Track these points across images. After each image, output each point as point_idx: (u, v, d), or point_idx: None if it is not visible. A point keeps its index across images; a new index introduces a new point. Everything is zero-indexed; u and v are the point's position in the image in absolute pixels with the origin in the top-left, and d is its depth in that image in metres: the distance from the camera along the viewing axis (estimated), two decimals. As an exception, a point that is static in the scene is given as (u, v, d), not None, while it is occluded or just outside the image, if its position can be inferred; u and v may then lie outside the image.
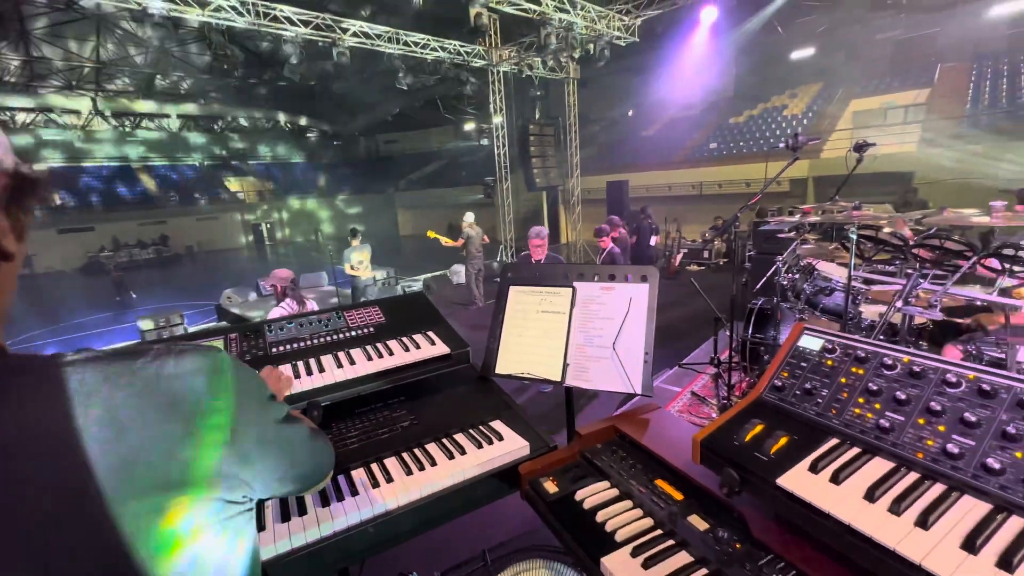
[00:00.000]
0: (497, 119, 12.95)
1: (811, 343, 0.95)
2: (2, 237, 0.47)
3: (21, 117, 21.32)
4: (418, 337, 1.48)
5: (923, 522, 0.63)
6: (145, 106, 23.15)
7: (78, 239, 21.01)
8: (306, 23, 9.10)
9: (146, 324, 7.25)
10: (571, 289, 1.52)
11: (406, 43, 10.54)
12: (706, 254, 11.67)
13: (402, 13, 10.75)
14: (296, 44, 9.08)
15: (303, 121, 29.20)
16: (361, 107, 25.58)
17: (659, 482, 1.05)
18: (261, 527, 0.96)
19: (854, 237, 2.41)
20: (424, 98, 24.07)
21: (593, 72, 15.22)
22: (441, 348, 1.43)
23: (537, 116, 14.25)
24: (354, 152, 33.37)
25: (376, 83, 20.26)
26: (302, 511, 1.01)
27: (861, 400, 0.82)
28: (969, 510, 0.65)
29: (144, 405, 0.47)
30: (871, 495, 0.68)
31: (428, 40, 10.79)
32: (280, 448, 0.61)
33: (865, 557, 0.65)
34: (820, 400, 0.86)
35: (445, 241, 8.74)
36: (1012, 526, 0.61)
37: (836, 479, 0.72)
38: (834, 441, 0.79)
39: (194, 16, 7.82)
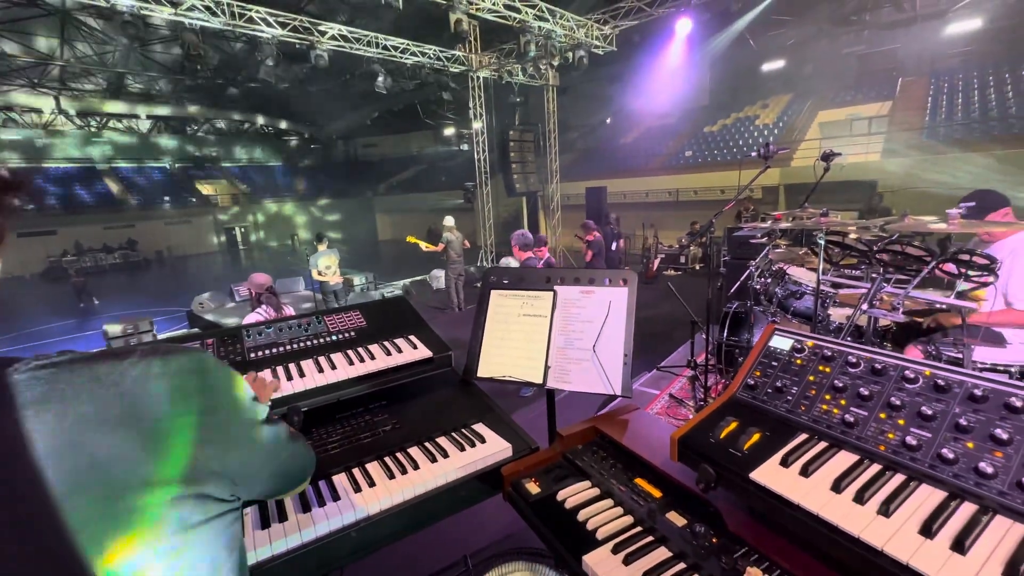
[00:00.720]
0: (477, 124, 13.00)
1: (782, 343, 1.00)
2: None
3: (-25, 115, 20.39)
4: (400, 341, 1.48)
5: (885, 510, 0.67)
6: (113, 107, 22.40)
7: (39, 242, 20.13)
8: (283, 24, 8.98)
9: (113, 329, 6.99)
10: (552, 292, 1.54)
11: (385, 47, 10.50)
12: (683, 259, 11.91)
13: (381, 17, 10.74)
14: (272, 46, 8.95)
15: (280, 124, 28.70)
16: (339, 111, 25.31)
17: (639, 480, 1.07)
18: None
19: (822, 243, 2.50)
20: (404, 103, 23.98)
21: (572, 79, 15.45)
22: (423, 352, 1.44)
23: (517, 122, 14.35)
24: (332, 156, 32.96)
25: (355, 87, 20.11)
26: (282, 517, 1.00)
27: (828, 397, 0.86)
28: (926, 498, 0.69)
29: (128, 404, 0.46)
30: (837, 486, 0.72)
31: (408, 45, 10.78)
32: (262, 447, 0.61)
33: (832, 546, 0.68)
34: (790, 397, 0.90)
35: (425, 246, 8.69)
36: (964, 512, 0.65)
37: (805, 472, 0.75)
38: (803, 436, 0.83)
39: (166, 15, 7.64)
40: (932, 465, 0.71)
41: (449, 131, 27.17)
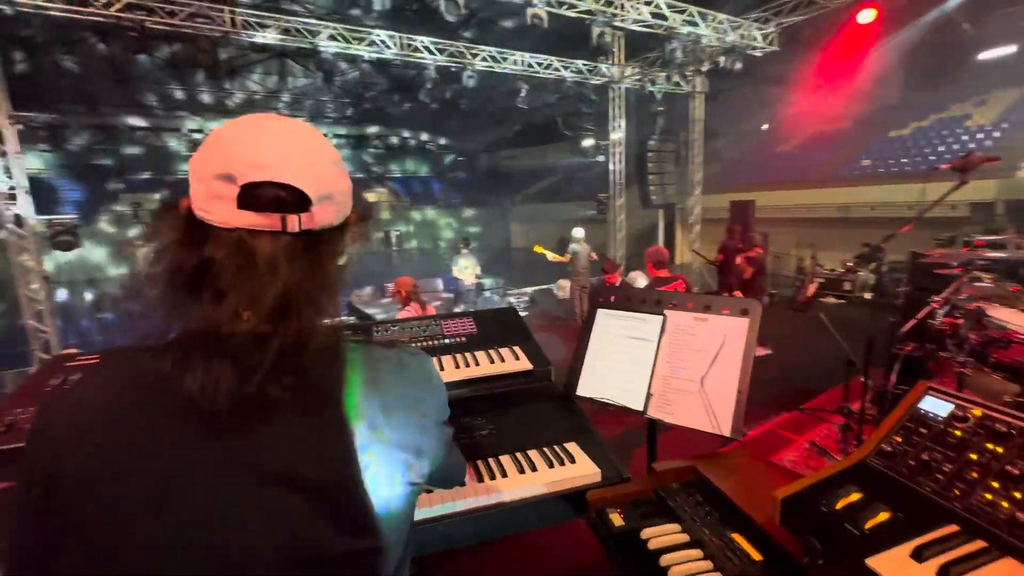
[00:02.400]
0: (616, 135, 12.82)
1: (936, 407, 0.81)
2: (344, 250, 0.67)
3: (222, 138, 26.40)
4: (504, 351, 1.55)
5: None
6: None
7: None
8: (441, 51, 9.98)
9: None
10: (662, 317, 1.46)
11: (529, 64, 10.99)
12: (847, 286, 10.21)
13: (528, 36, 11.24)
14: (431, 70, 10.00)
15: (435, 139, 31.85)
16: (485, 125, 27.13)
17: (736, 536, 0.96)
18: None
19: (1042, 280, 1.95)
20: (545, 116, 24.76)
21: (724, 84, 14.33)
22: (524, 364, 1.48)
23: (657, 132, 13.80)
24: (475, 167, 35.46)
25: (500, 103, 21.37)
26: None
27: (995, 484, 0.68)
28: None
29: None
30: (989, 601, 0.56)
31: (551, 60, 11.13)
32: (450, 449, 0.77)
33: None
34: (940, 476, 0.73)
35: (552, 256, 8.85)
36: None
37: (946, 574, 0.60)
38: (952, 528, 0.67)
39: (358, 51, 9.05)
40: None
41: (587, 142, 27.26)
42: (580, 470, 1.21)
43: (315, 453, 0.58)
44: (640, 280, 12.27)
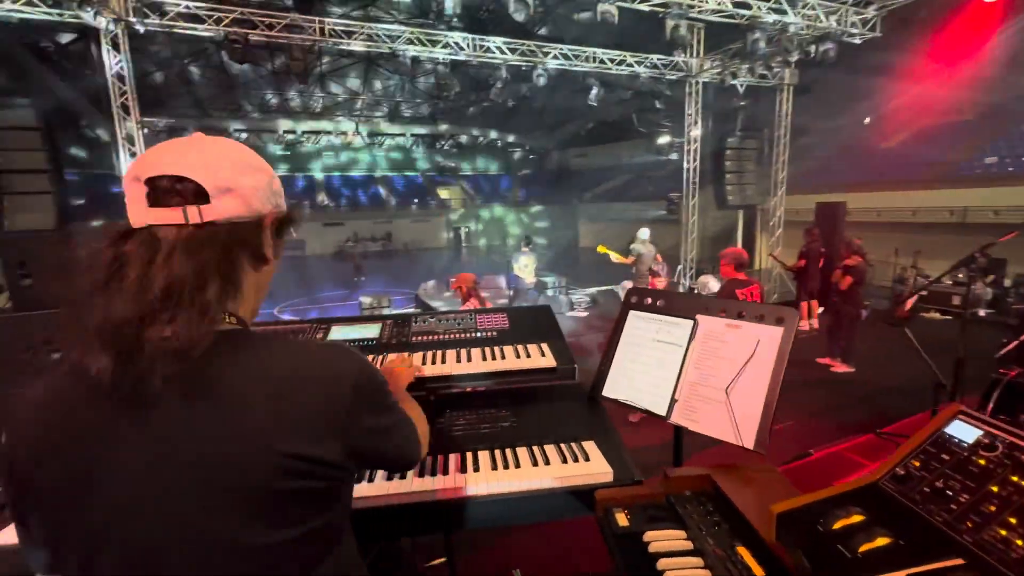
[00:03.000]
0: (694, 132, 12.26)
1: (963, 432, 0.74)
2: (267, 248, 0.74)
3: (311, 138, 28.58)
4: (531, 347, 1.59)
5: None
6: (390, 128, 28.67)
7: (334, 232, 27.18)
8: (513, 50, 10.10)
9: (366, 301, 9.04)
10: (692, 322, 1.43)
11: (602, 61, 10.81)
12: (956, 300, 9.02)
13: (600, 32, 11.06)
14: (503, 70, 10.16)
15: (506, 137, 32.27)
16: (556, 123, 27.04)
17: (741, 550, 0.94)
18: (371, 479, 1.19)
19: None
20: (618, 113, 24.20)
21: (818, 74, 13.18)
22: (549, 361, 1.51)
23: (738, 128, 12.98)
24: (546, 165, 35.45)
25: (573, 100, 21.21)
26: (402, 476, 1.21)
27: (1013, 520, 0.61)
28: None
29: (304, 379, 0.67)
30: (975, 641, 0.52)
31: (624, 56, 10.87)
32: (387, 440, 0.77)
33: None
34: (955, 506, 0.67)
35: (615, 257, 8.67)
36: None
37: (933, 607, 0.56)
38: (956, 561, 0.61)
39: (434, 54, 9.43)
40: None
41: (662, 140, 26.28)
42: (592, 468, 1.22)
43: (212, 443, 0.61)
44: (712, 284, 11.66)
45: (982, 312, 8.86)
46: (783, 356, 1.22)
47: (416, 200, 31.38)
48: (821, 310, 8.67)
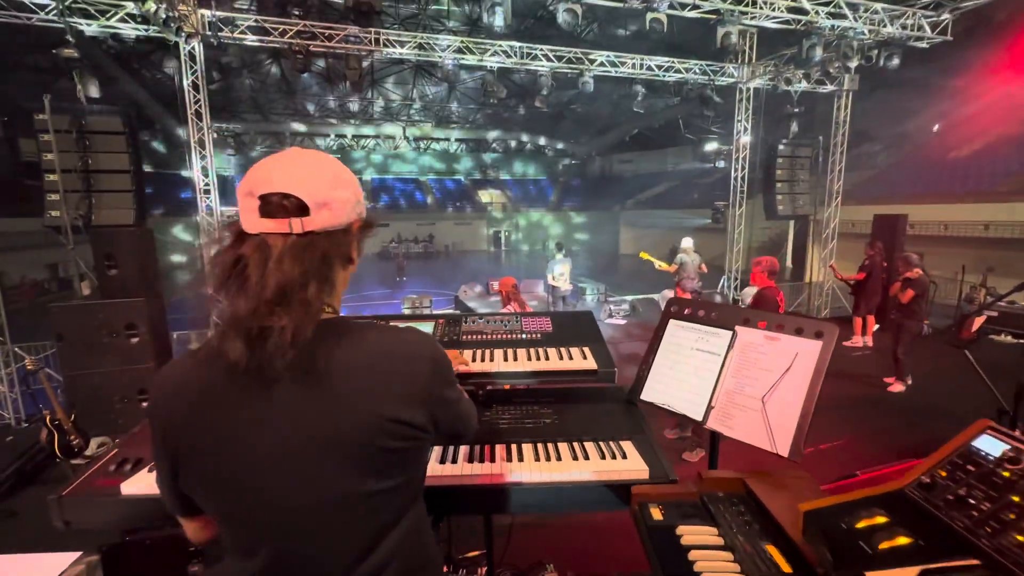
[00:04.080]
0: (744, 139, 11.94)
1: (990, 446, 0.77)
2: (354, 251, 0.88)
3: (361, 142, 29.71)
4: (574, 350, 1.68)
5: None
6: (437, 132, 29.41)
7: (380, 232, 28.11)
8: (560, 58, 10.21)
9: (406, 303, 9.36)
10: (731, 332, 1.48)
11: (649, 67, 10.74)
12: (1032, 322, 8.37)
13: (648, 38, 11.02)
14: (548, 77, 10.28)
15: (547, 142, 32.40)
16: (601, 129, 26.92)
17: (770, 548, 0.99)
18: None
19: None
20: (664, 119, 23.85)
21: (882, 80, 12.55)
22: (590, 364, 1.60)
23: (791, 135, 12.52)
24: (589, 171, 35.30)
25: (618, 105, 21.08)
26: (454, 460, 1.33)
27: (1030, 528, 0.65)
28: None
29: (394, 356, 0.81)
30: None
31: (671, 62, 10.75)
32: (455, 409, 0.91)
33: None
34: (975, 513, 0.71)
35: (659, 265, 8.58)
36: None
37: (943, 598, 0.62)
38: (971, 561, 0.66)
39: (482, 62, 9.69)
40: None
41: (710, 146, 25.65)
42: (629, 465, 1.30)
43: (326, 414, 0.74)
44: (751, 294, 11.32)
45: (1061, 337, 8.16)
46: (821, 369, 1.26)
47: (458, 203, 31.98)
48: (877, 327, 8.26)
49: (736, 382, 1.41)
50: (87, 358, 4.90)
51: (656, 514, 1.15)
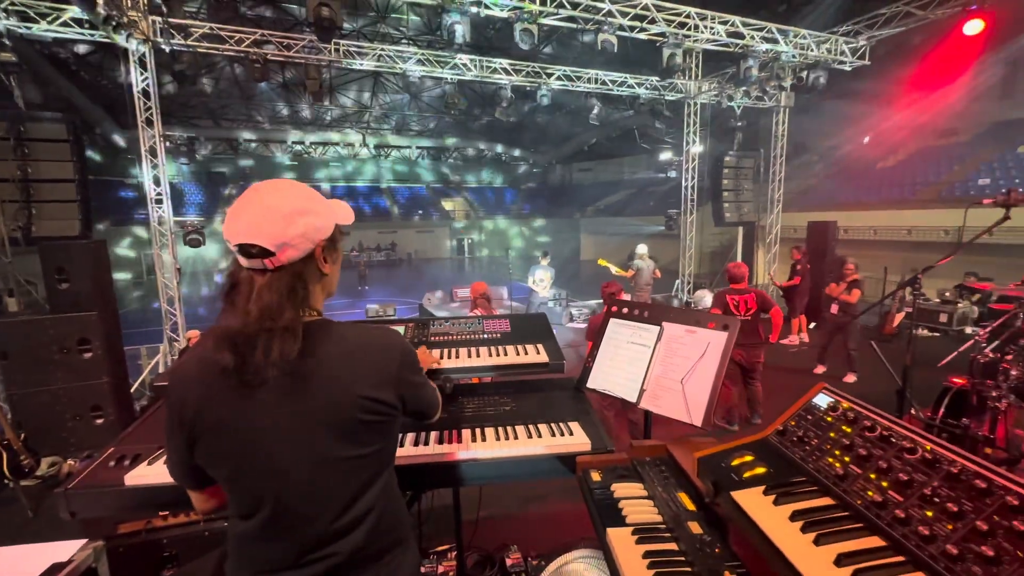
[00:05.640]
0: (696, 149, 12.67)
1: (823, 401, 1.06)
2: (323, 266, 1.05)
3: (319, 149, 29.17)
4: (529, 346, 1.92)
5: (816, 540, 0.78)
6: (396, 140, 29.27)
7: (343, 240, 27.58)
8: (518, 71, 10.57)
9: (371, 309, 9.38)
10: (660, 327, 1.76)
11: (603, 82, 11.28)
12: (943, 318, 9.33)
13: (601, 56, 11.56)
14: (508, 90, 10.61)
15: (509, 151, 32.84)
16: (561, 138, 27.59)
17: (681, 494, 1.26)
18: (402, 444, 1.52)
19: (1072, 318, 1.97)
20: (621, 128, 24.76)
21: (817, 97, 13.67)
22: (543, 357, 1.84)
23: (736, 147, 13.41)
24: (549, 179, 36.00)
25: (576, 116, 21.76)
26: (426, 443, 1.53)
27: (837, 452, 0.93)
28: (888, 561, 0.75)
29: (369, 347, 1.02)
30: (795, 517, 0.84)
31: (625, 77, 11.33)
32: (420, 392, 1.12)
33: (776, 567, 0.82)
34: (807, 447, 0.99)
35: (616, 270, 9.00)
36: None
37: (776, 501, 0.89)
38: (799, 479, 0.94)
39: (442, 74, 9.90)
40: (890, 524, 0.77)
41: (664, 156, 26.81)
42: (574, 440, 1.54)
43: (313, 398, 0.94)
44: (707, 298, 11.98)
45: (968, 329, 9.14)
46: (726, 355, 1.56)
47: (421, 211, 31.87)
48: (812, 325, 8.98)
49: (663, 368, 1.69)
50: (36, 375, 4.74)
51: (596, 477, 1.40)
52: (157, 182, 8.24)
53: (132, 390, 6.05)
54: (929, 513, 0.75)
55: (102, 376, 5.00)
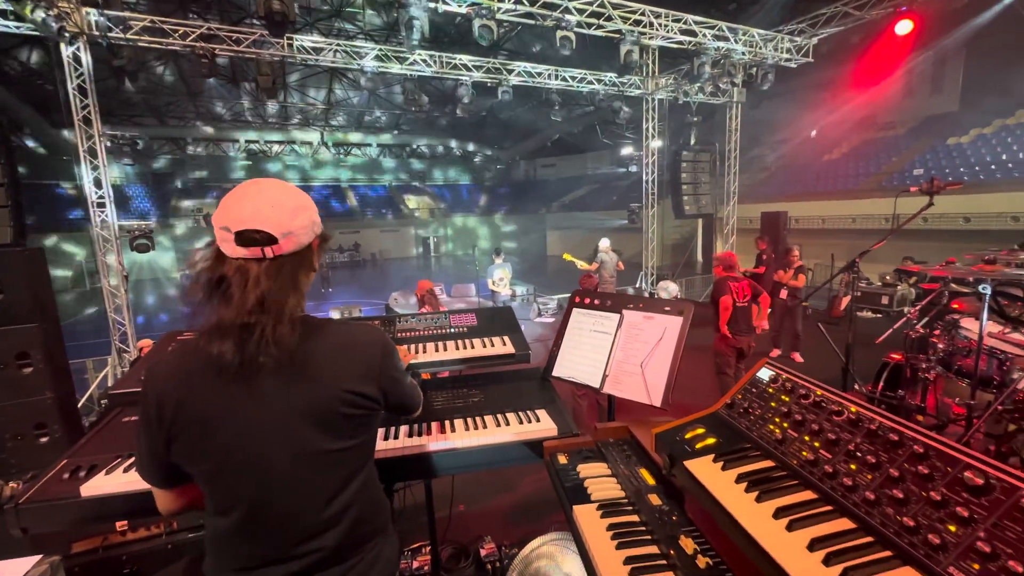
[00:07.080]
0: (655, 144, 12.99)
1: (765, 374, 1.15)
2: (316, 262, 1.06)
3: (275, 148, 28.19)
4: (495, 339, 1.96)
5: (759, 498, 0.85)
6: (356, 137, 28.65)
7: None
8: (479, 67, 10.55)
9: (335, 314, 9.18)
10: (619, 315, 1.83)
11: (564, 78, 11.41)
12: (885, 300, 9.98)
13: (560, 52, 11.68)
14: (468, 86, 10.58)
15: (472, 147, 32.71)
16: (523, 134, 27.70)
17: (642, 471, 1.33)
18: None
19: (986, 293, 2.17)
20: (583, 124, 25.10)
21: (768, 92, 14.29)
22: (508, 349, 1.89)
23: (693, 141, 13.86)
24: (513, 175, 36.09)
25: (538, 112, 21.91)
26: (396, 436, 1.55)
27: (777, 419, 1.02)
28: (818, 511, 0.84)
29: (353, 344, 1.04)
30: (740, 479, 0.92)
31: (585, 74, 11.50)
32: (401, 386, 1.13)
33: (724, 526, 0.89)
34: (752, 417, 1.08)
35: (580, 265, 9.15)
36: (838, 524, 0.80)
37: (724, 467, 0.96)
38: (745, 446, 1.02)
39: (398, 70, 9.75)
40: (820, 479, 0.86)
41: (625, 151, 27.36)
42: (541, 427, 1.59)
43: (300, 391, 0.95)
44: (671, 287, 12.35)
45: (908, 310, 9.80)
46: (682, 338, 1.64)
47: (384, 210, 31.28)
48: (770, 311, 9.43)
49: (624, 354, 1.77)
50: (-31, 394, 4.42)
51: (562, 459, 1.45)
52: (99, 184, 7.80)
53: (80, 405, 5.72)
54: (853, 466, 0.84)
55: (45, 392, 4.70)
